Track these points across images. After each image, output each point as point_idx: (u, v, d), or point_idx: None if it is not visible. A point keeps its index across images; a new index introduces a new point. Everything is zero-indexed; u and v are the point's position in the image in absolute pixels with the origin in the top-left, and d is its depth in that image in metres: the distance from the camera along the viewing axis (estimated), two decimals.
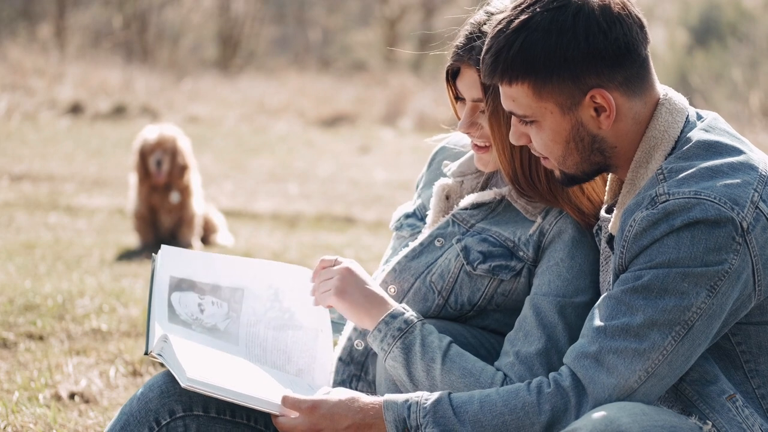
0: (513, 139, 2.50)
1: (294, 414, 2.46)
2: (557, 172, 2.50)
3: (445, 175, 2.88)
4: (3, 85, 18.03)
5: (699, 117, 2.47)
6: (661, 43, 18.82)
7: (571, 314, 2.59)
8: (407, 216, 2.91)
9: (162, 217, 8.18)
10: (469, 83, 2.70)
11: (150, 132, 8.17)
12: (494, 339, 2.70)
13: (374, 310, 2.61)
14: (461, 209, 2.78)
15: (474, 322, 2.71)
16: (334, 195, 11.49)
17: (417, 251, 2.77)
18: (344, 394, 2.47)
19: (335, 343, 2.85)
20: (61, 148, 14.12)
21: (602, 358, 2.31)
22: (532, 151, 2.51)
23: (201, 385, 2.44)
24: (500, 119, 2.64)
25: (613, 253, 2.50)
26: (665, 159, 2.40)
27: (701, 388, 2.39)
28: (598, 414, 2.25)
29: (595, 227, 2.62)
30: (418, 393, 2.43)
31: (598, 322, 2.34)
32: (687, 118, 2.45)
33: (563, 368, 2.37)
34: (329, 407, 2.43)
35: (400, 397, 2.43)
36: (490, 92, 2.64)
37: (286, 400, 2.47)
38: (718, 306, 2.30)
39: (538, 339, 2.58)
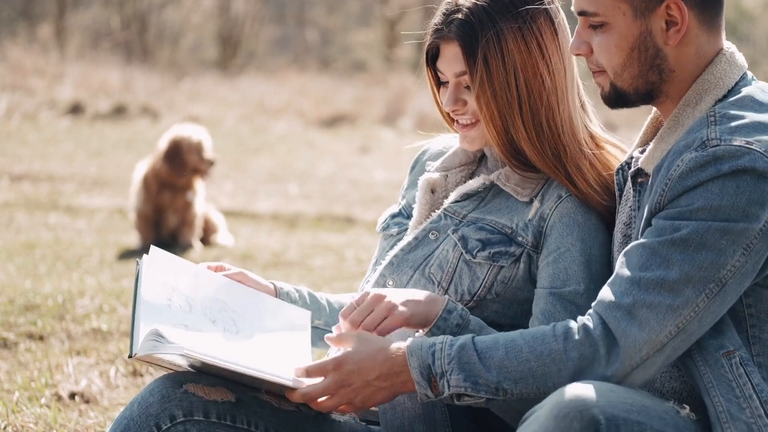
0: (573, 48, 2.50)
1: (319, 380, 2.45)
2: (607, 88, 2.49)
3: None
4: (3, 85, 18.02)
5: (754, 79, 2.50)
6: None
7: (592, 298, 2.56)
8: (393, 216, 2.92)
9: (169, 216, 8.20)
10: (450, 58, 2.71)
11: (187, 131, 8.27)
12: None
13: (432, 307, 2.55)
14: (452, 202, 2.78)
15: (472, 314, 2.71)
16: (334, 195, 11.49)
17: (413, 245, 2.77)
18: (367, 346, 2.45)
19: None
20: (61, 148, 14.12)
21: (635, 312, 2.30)
22: (588, 65, 2.52)
23: (200, 354, 2.41)
24: (487, 87, 2.65)
25: (635, 189, 2.49)
26: (715, 104, 2.41)
27: (702, 339, 2.37)
28: (562, 389, 2.24)
29: (617, 168, 2.62)
30: (442, 337, 2.41)
31: (631, 272, 2.33)
32: (744, 74, 2.47)
33: (593, 315, 2.35)
34: (356, 361, 2.42)
35: (424, 342, 2.41)
36: (474, 62, 2.65)
37: (309, 371, 2.45)
38: (751, 265, 2.30)
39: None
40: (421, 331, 2.58)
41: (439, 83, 2.80)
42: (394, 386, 2.41)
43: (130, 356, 2.49)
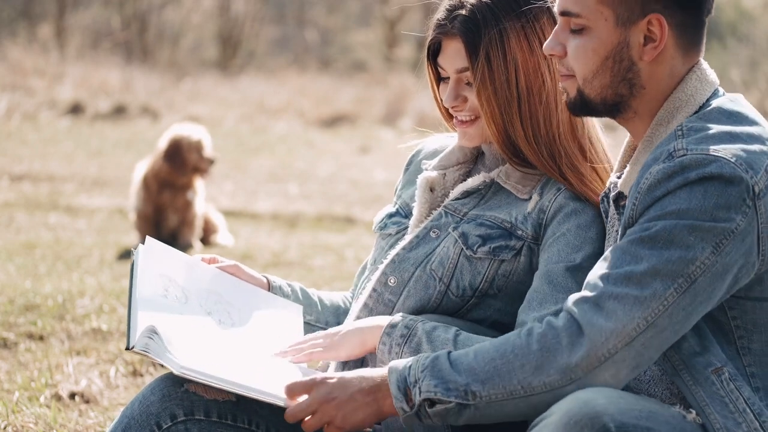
0: (547, 48, 2.50)
1: (303, 398, 2.44)
2: (572, 93, 2.50)
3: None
4: (3, 85, 18.03)
5: (724, 93, 2.52)
6: None
7: (583, 277, 2.57)
8: (390, 215, 2.92)
9: (169, 216, 8.20)
10: (452, 54, 2.71)
11: (187, 130, 8.27)
12: (495, 336, 2.70)
13: (370, 332, 2.61)
14: (452, 200, 2.79)
15: (475, 313, 2.72)
16: (334, 195, 11.49)
17: (414, 243, 2.77)
18: (351, 371, 2.48)
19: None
20: (61, 148, 14.12)
21: (602, 303, 2.30)
22: (558, 67, 2.52)
23: (197, 374, 2.40)
24: (488, 84, 2.66)
25: (619, 213, 2.51)
26: (686, 119, 2.43)
27: (688, 358, 2.38)
28: (572, 396, 2.24)
29: (602, 194, 2.63)
30: (420, 355, 2.43)
31: (601, 270, 2.35)
32: (715, 91, 2.49)
33: (560, 311, 2.37)
34: (339, 376, 2.43)
35: (402, 361, 2.43)
36: (476, 58, 2.66)
37: (292, 390, 2.44)
38: (721, 265, 2.30)
39: (555, 302, 2.57)
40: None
41: (439, 79, 2.80)
42: (377, 401, 2.40)
43: (127, 348, 2.49)
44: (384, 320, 2.62)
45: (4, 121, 16.33)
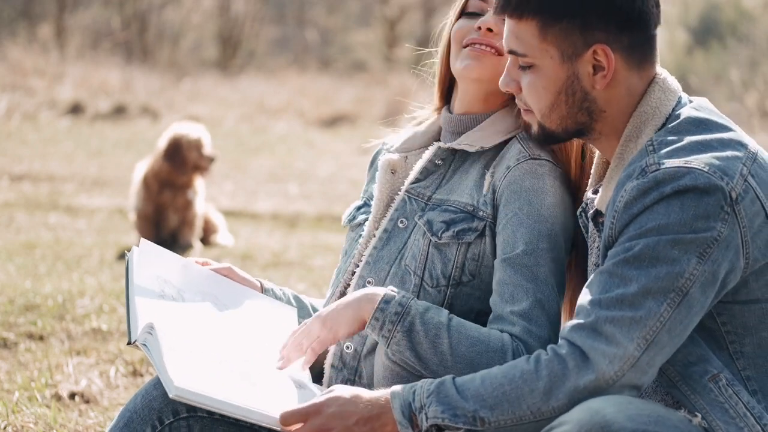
0: (502, 85, 2.52)
1: (299, 425, 2.42)
2: (535, 127, 2.51)
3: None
4: (3, 85, 18.03)
5: (690, 100, 2.52)
6: (661, 43, 18.80)
7: (545, 258, 2.59)
8: (359, 208, 2.94)
9: (169, 216, 8.20)
10: None
11: (186, 128, 8.27)
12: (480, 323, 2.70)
13: (365, 306, 2.57)
14: (412, 184, 2.79)
15: (457, 305, 2.70)
16: (334, 195, 11.50)
17: (384, 239, 2.77)
18: (348, 392, 2.45)
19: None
20: (61, 148, 14.12)
21: (599, 328, 2.30)
22: (517, 102, 2.54)
23: (192, 396, 2.37)
24: None
25: (598, 230, 2.52)
26: (655, 134, 2.43)
27: (683, 369, 2.39)
28: (582, 406, 2.25)
29: (579, 210, 2.63)
30: (423, 380, 2.42)
31: (592, 297, 2.34)
32: (679, 99, 2.49)
33: (561, 340, 2.37)
34: (337, 405, 2.41)
35: (407, 385, 2.43)
36: None
37: (286, 419, 2.41)
38: (710, 273, 2.31)
39: (526, 293, 2.58)
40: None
41: (463, 13, 2.79)
42: (374, 430, 2.39)
43: (128, 343, 2.48)
44: (377, 292, 2.58)
45: (4, 121, 16.33)
